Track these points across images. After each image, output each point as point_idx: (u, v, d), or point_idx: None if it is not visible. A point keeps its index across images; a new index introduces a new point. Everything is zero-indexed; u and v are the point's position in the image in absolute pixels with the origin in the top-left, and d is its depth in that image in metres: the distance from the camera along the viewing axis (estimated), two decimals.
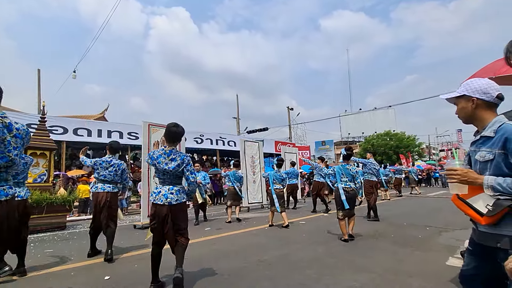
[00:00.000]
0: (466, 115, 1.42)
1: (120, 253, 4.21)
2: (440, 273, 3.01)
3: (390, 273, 3.05)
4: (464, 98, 1.41)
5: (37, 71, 16.31)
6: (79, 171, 11.99)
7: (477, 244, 1.39)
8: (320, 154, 37.09)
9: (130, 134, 13.44)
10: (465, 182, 1.33)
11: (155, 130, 7.06)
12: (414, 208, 8.96)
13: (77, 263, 3.78)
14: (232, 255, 3.96)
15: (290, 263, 3.50)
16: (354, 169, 4.86)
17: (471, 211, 1.33)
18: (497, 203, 1.22)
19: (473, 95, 1.37)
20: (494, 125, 1.32)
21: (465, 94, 1.40)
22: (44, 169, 6.97)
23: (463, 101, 1.41)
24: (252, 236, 5.36)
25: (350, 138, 43.44)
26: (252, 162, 10.12)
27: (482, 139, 1.37)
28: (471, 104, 1.38)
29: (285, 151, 11.95)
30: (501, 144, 1.25)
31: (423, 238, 4.68)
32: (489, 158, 1.30)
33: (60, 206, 6.74)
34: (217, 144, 17.11)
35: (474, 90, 1.37)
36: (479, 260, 1.40)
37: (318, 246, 4.32)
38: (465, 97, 1.40)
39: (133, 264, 3.65)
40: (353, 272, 3.13)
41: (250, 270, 3.29)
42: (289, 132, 25.07)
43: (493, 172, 1.28)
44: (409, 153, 23.47)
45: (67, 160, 13.52)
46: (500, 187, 1.21)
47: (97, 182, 4.11)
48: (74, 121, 12.53)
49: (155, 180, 6.78)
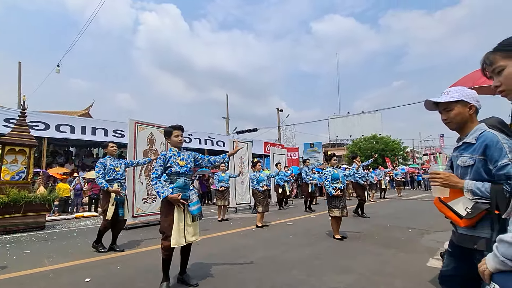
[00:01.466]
0: (462, 120, 1.41)
1: (102, 255, 4.09)
2: (421, 273, 3.09)
3: (374, 274, 3.11)
4: (462, 104, 1.40)
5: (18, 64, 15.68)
6: (61, 169, 11.62)
7: (456, 246, 1.43)
8: (308, 156, 37.38)
9: (115, 132, 13.14)
10: (447, 185, 1.37)
11: (142, 128, 6.93)
12: (398, 210, 9.19)
13: (56, 264, 3.64)
14: (218, 256, 3.92)
15: (276, 264, 3.51)
16: (342, 172, 5.09)
17: (451, 213, 1.37)
18: (475, 206, 1.27)
19: (470, 101, 1.39)
20: (475, 132, 1.36)
21: (463, 100, 1.39)
22: (23, 166, 6.70)
23: (460, 106, 1.40)
24: (239, 237, 5.33)
25: (338, 141, 44.10)
26: (241, 163, 10.09)
27: (464, 145, 1.41)
28: (468, 110, 1.39)
29: (273, 152, 11.99)
30: (481, 151, 1.29)
31: (406, 240, 4.80)
32: (470, 163, 1.34)
33: (39, 205, 6.48)
34: (206, 144, 16.99)
35: (470, 96, 1.39)
36: (457, 261, 1.44)
37: (305, 247, 4.35)
38: (462, 102, 1.40)
39: (115, 266, 3.55)
40: (338, 273, 3.17)
41: (236, 271, 3.27)
42: (279, 134, 25.20)
43: (473, 177, 1.33)
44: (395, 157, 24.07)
45: (48, 157, 13.07)
46: (478, 191, 1.26)
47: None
48: (56, 117, 12.12)
49: (141, 179, 6.69)
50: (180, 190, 2.75)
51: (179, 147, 2.95)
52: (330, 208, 4.88)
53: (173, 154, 2.86)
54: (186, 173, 2.86)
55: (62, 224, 7.57)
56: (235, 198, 9.48)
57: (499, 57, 0.96)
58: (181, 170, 2.83)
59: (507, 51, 0.93)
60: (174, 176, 2.83)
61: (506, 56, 0.94)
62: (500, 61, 0.95)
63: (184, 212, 2.76)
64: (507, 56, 0.94)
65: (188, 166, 2.89)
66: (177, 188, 2.74)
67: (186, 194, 2.79)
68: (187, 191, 2.81)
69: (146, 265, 3.49)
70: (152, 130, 7.13)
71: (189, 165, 2.90)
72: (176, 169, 2.81)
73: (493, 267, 0.83)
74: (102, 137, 12.74)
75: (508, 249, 0.77)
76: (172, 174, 2.82)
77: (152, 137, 7.08)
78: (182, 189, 2.76)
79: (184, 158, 2.89)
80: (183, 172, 2.84)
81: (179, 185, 2.75)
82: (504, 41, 0.96)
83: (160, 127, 7.29)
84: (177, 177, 2.82)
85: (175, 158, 2.84)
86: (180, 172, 2.82)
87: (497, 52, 0.97)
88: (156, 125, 7.29)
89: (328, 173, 4.94)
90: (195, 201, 2.84)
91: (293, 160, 18.14)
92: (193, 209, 2.79)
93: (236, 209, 9.61)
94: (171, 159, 2.82)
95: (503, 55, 0.95)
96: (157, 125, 7.31)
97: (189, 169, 2.89)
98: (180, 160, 2.86)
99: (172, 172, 2.82)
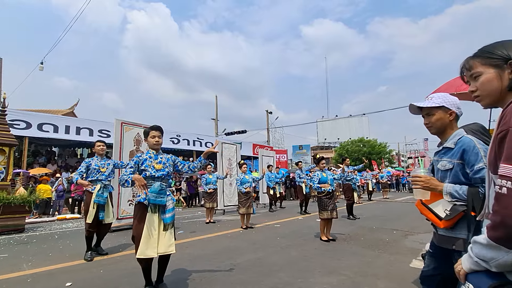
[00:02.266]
0: (442, 125, 1.46)
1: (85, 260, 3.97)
2: (404, 274, 3.17)
3: (359, 275, 3.16)
4: (442, 110, 1.45)
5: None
6: (42, 170, 11.22)
7: (437, 246, 1.48)
8: (297, 158, 37.72)
9: (101, 131, 12.81)
10: (428, 188, 1.42)
11: (129, 128, 6.80)
12: (384, 212, 9.38)
13: (35, 268, 3.50)
14: (204, 259, 3.88)
15: (263, 267, 3.50)
16: (331, 174, 5.22)
17: (431, 215, 1.42)
18: (453, 208, 1.32)
19: (451, 107, 1.44)
20: (454, 138, 1.42)
21: (444, 106, 1.44)
22: (2, 167, 6.43)
23: (441, 112, 1.45)
24: (226, 239, 5.30)
25: (327, 144, 44.71)
26: (229, 165, 10.05)
27: (444, 149, 1.46)
28: (449, 116, 1.44)
29: (262, 154, 12.01)
30: (459, 155, 1.35)
31: (390, 241, 4.91)
32: (449, 167, 1.40)
33: (19, 206, 6.24)
34: (194, 145, 16.83)
35: (451, 103, 1.44)
36: (438, 261, 1.49)
37: (292, 249, 4.37)
38: (443, 108, 1.44)
39: (98, 270, 3.45)
40: (324, 274, 3.20)
41: (222, 274, 3.24)
42: (268, 136, 25.26)
43: (451, 180, 1.38)
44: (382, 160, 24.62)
45: (29, 157, 12.59)
46: (456, 194, 1.31)
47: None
48: (39, 116, 11.70)
49: None
50: (156, 195, 2.56)
51: (156, 149, 2.79)
52: (319, 210, 4.95)
53: (149, 157, 2.70)
54: (163, 177, 2.69)
55: (43, 226, 7.30)
56: (223, 200, 9.43)
57: (477, 63, 0.99)
58: (157, 174, 2.66)
59: (485, 58, 0.97)
60: (149, 180, 2.64)
61: (484, 62, 0.97)
62: (479, 67, 0.99)
63: (158, 219, 2.59)
64: (485, 63, 0.97)
65: (165, 170, 2.71)
66: (152, 193, 2.55)
67: (162, 200, 2.60)
68: (163, 196, 2.62)
69: (129, 268, 3.41)
70: (139, 130, 7.00)
71: (167, 169, 2.73)
72: (151, 173, 2.64)
73: (467, 267, 0.86)
74: (87, 137, 12.40)
75: (481, 250, 0.80)
76: (147, 178, 2.63)
77: (138, 137, 6.95)
78: (158, 194, 2.57)
79: (162, 161, 2.73)
80: (159, 177, 2.66)
81: (153, 190, 2.56)
82: (484, 48, 0.99)
83: (147, 127, 7.17)
84: (152, 181, 2.64)
85: (151, 161, 2.68)
86: (156, 176, 2.65)
87: (476, 58, 1.01)
88: (143, 125, 7.16)
89: (316, 176, 5.02)
90: (171, 208, 2.67)
91: (281, 162, 18.22)
92: (166, 216, 2.61)
93: (224, 211, 9.55)
94: (146, 162, 2.67)
95: (481, 61, 0.98)
96: (144, 125, 7.18)
97: (166, 173, 2.72)
98: (157, 163, 2.70)
99: (147, 176, 2.63)
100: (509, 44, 0.94)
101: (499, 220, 0.74)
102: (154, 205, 2.59)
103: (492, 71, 0.94)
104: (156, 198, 2.56)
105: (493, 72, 0.94)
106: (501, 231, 0.74)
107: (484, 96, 0.97)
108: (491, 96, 0.96)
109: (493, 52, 0.95)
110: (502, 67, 0.92)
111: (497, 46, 0.96)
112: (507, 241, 0.73)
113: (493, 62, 0.95)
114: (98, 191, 4.04)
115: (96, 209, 4.00)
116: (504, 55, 0.92)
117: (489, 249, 0.77)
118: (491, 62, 0.95)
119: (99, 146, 4.38)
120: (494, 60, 0.94)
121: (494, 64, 0.94)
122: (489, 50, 0.96)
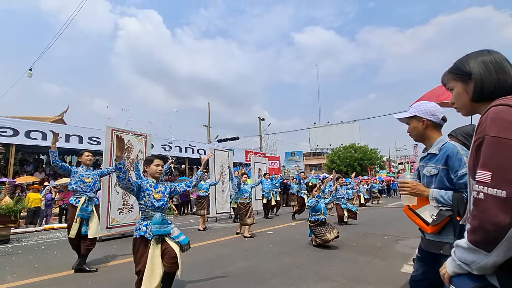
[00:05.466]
0: (417, 133, 1.55)
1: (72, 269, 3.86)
2: (395, 280, 3.19)
3: (351, 282, 3.17)
4: (416, 119, 1.53)
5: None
6: (29, 178, 10.92)
7: (425, 251, 1.51)
8: (290, 165, 37.85)
9: (91, 139, 12.61)
10: (414, 194, 1.46)
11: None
12: (375, 218, 9.47)
13: (20, 280, 3.38)
14: (195, 267, 3.83)
15: (255, 274, 3.48)
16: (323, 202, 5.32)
17: (419, 220, 1.45)
18: (440, 213, 1.35)
19: (423, 116, 1.51)
20: (438, 144, 1.47)
21: (416, 115, 1.53)
22: None
23: (415, 121, 1.54)
24: (219, 247, 5.25)
25: (319, 150, 45.00)
26: (222, 172, 10.01)
27: (429, 155, 1.51)
28: (422, 124, 1.52)
29: (255, 161, 12.01)
30: (444, 161, 1.40)
31: (382, 247, 4.95)
32: (434, 173, 1.44)
33: (4, 216, 6.03)
34: (186, 152, 16.72)
35: (424, 111, 1.51)
36: (426, 266, 1.52)
37: (284, 256, 4.36)
38: (416, 117, 1.53)
39: (86, 280, 3.36)
40: (316, 281, 3.20)
41: (214, 282, 3.20)
42: (260, 142, 25.31)
43: (437, 185, 1.42)
44: (373, 166, 24.93)
45: (15, 165, 12.26)
46: (442, 199, 1.35)
47: None
48: (26, 123, 11.44)
49: (116, 189, 6.44)
50: (159, 226, 2.49)
51: (157, 178, 2.72)
52: (314, 235, 4.92)
53: (149, 186, 2.62)
54: (162, 207, 2.63)
55: (29, 236, 7.07)
56: (215, 207, 9.35)
57: (450, 78, 1.07)
58: (157, 204, 2.59)
59: (454, 74, 1.05)
60: (150, 211, 2.56)
61: (454, 78, 1.05)
62: (451, 82, 1.07)
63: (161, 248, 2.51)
64: (454, 78, 1.05)
65: (164, 200, 2.65)
66: (155, 225, 2.48)
67: (167, 229, 2.56)
68: (167, 226, 2.57)
69: (119, 279, 3.33)
70: (130, 137, 6.93)
71: (165, 198, 2.68)
72: (152, 202, 2.57)
73: (451, 271, 0.89)
74: (76, 144, 12.16)
75: (463, 253, 0.83)
76: (147, 208, 2.57)
77: (129, 144, 6.87)
78: (161, 225, 2.51)
79: (161, 191, 2.67)
80: (159, 207, 2.60)
81: (156, 221, 2.49)
82: (454, 64, 1.06)
83: (138, 134, 7.11)
84: (153, 212, 2.56)
85: (152, 191, 2.60)
86: (156, 206, 2.58)
87: (449, 73, 1.08)
88: (134, 132, 7.10)
89: (311, 204, 5.07)
90: (180, 233, 2.66)
91: (274, 168, 18.24)
92: (181, 239, 2.62)
93: (216, 219, 9.46)
94: (147, 191, 2.58)
95: (452, 77, 1.06)
96: (135, 132, 7.12)
97: (165, 202, 2.66)
98: (156, 193, 2.63)
99: (148, 206, 2.57)
100: (473, 57, 1.00)
101: (478, 225, 0.78)
102: (158, 235, 2.51)
103: (460, 86, 1.01)
104: (160, 229, 2.50)
105: (461, 87, 1.01)
106: (479, 235, 0.77)
107: (460, 108, 1.05)
108: (464, 108, 1.03)
109: (459, 68, 1.02)
110: (467, 82, 0.98)
111: (463, 61, 1.02)
112: (485, 245, 0.76)
113: (459, 78, 1.01)
114: (83, 205, 3.83)
115: (79, 224, 3.79)
116: (467, 70, 0.98)
117: (470, 252, 0.80)
118: (458, 78, 1.02)
119: (87, 156, 4.19)
120: (460, 76, 1.01)
121: (461, 80, 1.01)
122: (457, 66, 1.03)
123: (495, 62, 0.93)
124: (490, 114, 0.82)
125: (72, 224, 3.79)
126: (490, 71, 0.92)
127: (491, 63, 0.93)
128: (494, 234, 0.74)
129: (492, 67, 0.93)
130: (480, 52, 1.00)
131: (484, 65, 0.94)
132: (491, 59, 0.95)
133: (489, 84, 0.92)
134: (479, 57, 0.97)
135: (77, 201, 3.88)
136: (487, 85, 0.92)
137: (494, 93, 0.90)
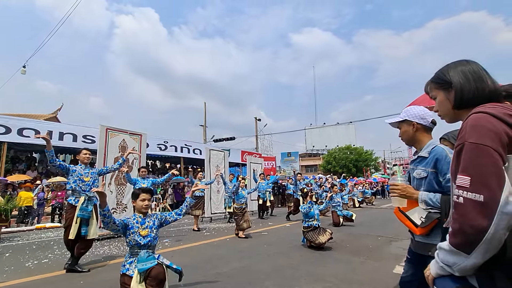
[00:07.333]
0: (408, 137, 1.59)
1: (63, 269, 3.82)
2: (388, 280, 3.23)
3: (344, 282, 3.19)
4: (406, 123, 1.57)
5: None
6: (22, 176, 10.78)
7: (414, 252, 1.54)
8: (286, 165, 37.94)
9: (85, 137, 12.47)
10: (404, 196, 1.48)
11: (114, 134, 6.67)
12: (369, 219, 9.53)
13: (9, 281, 3.34)
14: (189, 268, 3.81)
15: (249, 275, 3.48)
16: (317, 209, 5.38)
17: (408, 222, 1.47)
18: (428, 216, 1.38)
19: (413, 120, 1.54)
20: (428, 147, 1.50)
21: (406, 119, 1.56)
22: None
23: (406, 125, 1.58)
24: (213, 247, 5.24)
25: (315, 151, 45.18)
26: (217, 171, 9.98)
27: (419, 158, 1.54)
28: (412, 128, 1.55)
29: (251, 161, 12.01)
30: (433, 164, 1.42)
31: (375, 248, 4.99)
32: (424, 175, 1.46)
33: None
34: (182, 152, 16.64)
35: (414, 115, 1.54)
36: (415, 267, 1.54)
37: (279, 257, 4.37)
38: (407, 121, 1.57)
39: (78, 281, 3.33)
40: (310, 282, 3.21)
41: (208, 283, 3.20)
42: (256, 143, 25.33)
43: (426, 188, 1.45)
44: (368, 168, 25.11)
45: (7, 164, 12.08)
46: (431, 202, 1.37)
47: None
48: (19, 120, 11.27)
49: (110, 188, 6.39)
50: (145, 263, 2.38)
51: (144, 212, 2.59)
52: (308, 240, 4.94)
53: (136, 222, 2.50)
54: (149, 244, 2.49)
55: (20, 236, 6.97)
56: (210, 208, 9.33)
57: (432, 87, 1.11)
58: (143, 241, 2.45)
59: (436, 83, 1.09)
60: (135, 249, 2.45)
61: (436, 87, 1.09)
62: (433, 90, 1.11)
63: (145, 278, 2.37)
64: (436, 87, 1.09)
65: (151, 235, 2.52)
66: (141, 263, 2.38)
67: (153, 263, 2.44)
68: (153, 261, 2.45)
69: (111, 279, 3.31)
70: (125, 137, 6.88)
71: (153, 233, 2.55)
72: (137, 241, 2.45)
73: (434, 272, 0.91)
74: (70, 142, 12.04)
75: (446, 255, 0.85)
76: (133, 246, 2.46)
77: (124, 144, 6.82)
78: (146, 262, 2.40)
79: (148, 226, 2.55)
80: (145, 244, 2.46)
81: (141, 260, 2.39)
82: (436, 74, 1.10)
83: (133, 133, 7.06)
84: (138, 250, 2.44)
85: (138, 227, 2.48)
86: (142, 244, 2.45)
87: (431, 82, 1.12)
88: (129, 131, 7.05)
89: (304, 211, 5.11)
90: (171, 262, 2.58)
91: (270, 169, 18.26)
92: (174, 267, 2.55)
93: (211, 219, 9.44)
94: (133, 228, 2.46)
95: (434, 86, 1.10)
96: (130, 131, 7.08)
97: (152, 238, 2.53)
98: (143, 229, 2.50)
99: (133, 245, 2.45)
100: (453, 66, 1.03)
101: (458, 228, 0.80)
102: (144, 272, 2.38)
103: (442, 94, 1.05)
104: (146, 265, 2.40)
105: (443, 95, 1.05)
106: (459, 237, 0.80)
107: (443, 115, 1.08)
108: (448, 115, 1.06)
109: (440, 78, 1.05)
110: (448, 90, 1.02)
111: (444, 70, 1.06)
112: (465, 247, 0.78)
113: (441, 86, 1.05)
114: (82, 204, 3.74)
115: (79, 224, 3.68)
116: (447, 79, 1.02)
117: (452, 254, 0.83)
118: (440, 87, 1.06)
119: (85, 154, 4.09)
120: (441, 85, 1.05)
121: (443, 88, 1.04)
122: (438, 76, 1.07)
123: (473, 72, 0.97)
124: (469, 121, 0.85)
125: (71, 225, 3.67)
126: (469, 80, 0.96)
127: (469, 73, 0.97)
128: (473, 237, 0.76)
129: (470, 76, 0.96)
130: (459, 62, 1.04)
131: (463, 74, 0.98)
132: (469, 68, 0.98)
133: (468, 93, 0.95)
134: (459, 66, 1.01)
135: (76, 201, 3.78)
136: (467, 93, 0.96)
137: (474, 100, 0.94)
